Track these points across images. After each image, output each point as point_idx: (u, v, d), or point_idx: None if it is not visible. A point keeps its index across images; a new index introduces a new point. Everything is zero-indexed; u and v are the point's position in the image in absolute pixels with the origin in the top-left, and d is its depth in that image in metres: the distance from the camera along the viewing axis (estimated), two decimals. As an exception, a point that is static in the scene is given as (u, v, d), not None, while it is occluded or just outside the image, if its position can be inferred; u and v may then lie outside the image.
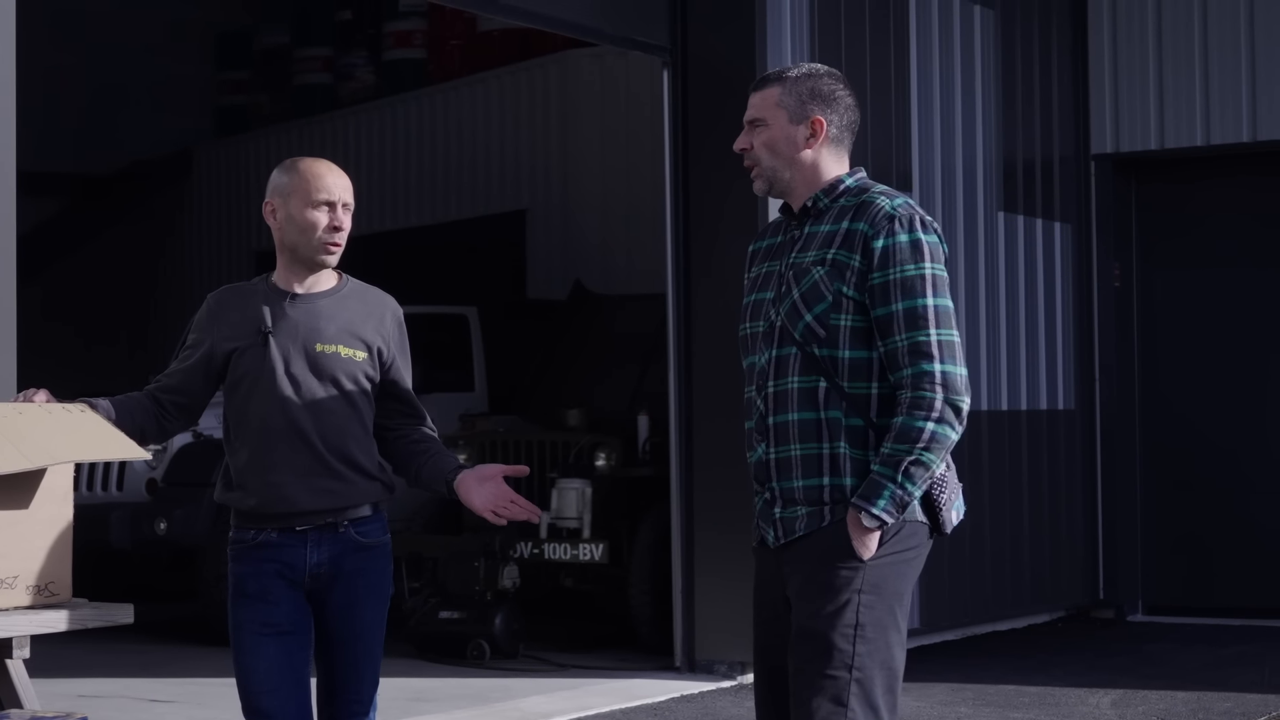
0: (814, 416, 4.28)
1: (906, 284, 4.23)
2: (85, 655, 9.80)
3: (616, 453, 10.98)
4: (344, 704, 4.82)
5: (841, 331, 4.27)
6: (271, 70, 19.10)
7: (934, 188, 10.88)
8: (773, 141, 4.39)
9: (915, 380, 4.21)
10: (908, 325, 4.22)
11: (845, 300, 4.26)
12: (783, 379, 4.32)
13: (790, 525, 4.32)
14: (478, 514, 4.78)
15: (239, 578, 4.79)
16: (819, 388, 4.28)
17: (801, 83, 4.41)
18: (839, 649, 4.19)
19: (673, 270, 9.87)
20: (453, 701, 8.98)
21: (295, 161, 4.89)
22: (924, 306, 4.23)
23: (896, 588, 4.28)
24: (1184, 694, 9.02)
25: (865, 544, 4.22)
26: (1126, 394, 12.50)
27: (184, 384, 4.87)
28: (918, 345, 4.22)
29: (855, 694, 4.18)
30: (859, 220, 4.29)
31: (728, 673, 9.53)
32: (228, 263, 18.35)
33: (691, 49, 9.86)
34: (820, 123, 4.38)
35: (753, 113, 4.43)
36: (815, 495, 4.29)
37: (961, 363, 4.27)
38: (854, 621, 4.21)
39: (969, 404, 4.27)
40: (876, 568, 4.24)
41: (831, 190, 4.39)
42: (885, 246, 4.25)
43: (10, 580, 4.53)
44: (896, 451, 4.19)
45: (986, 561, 11.23)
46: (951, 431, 4.22)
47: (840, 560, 4.23)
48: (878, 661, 4.22)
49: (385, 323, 4.87)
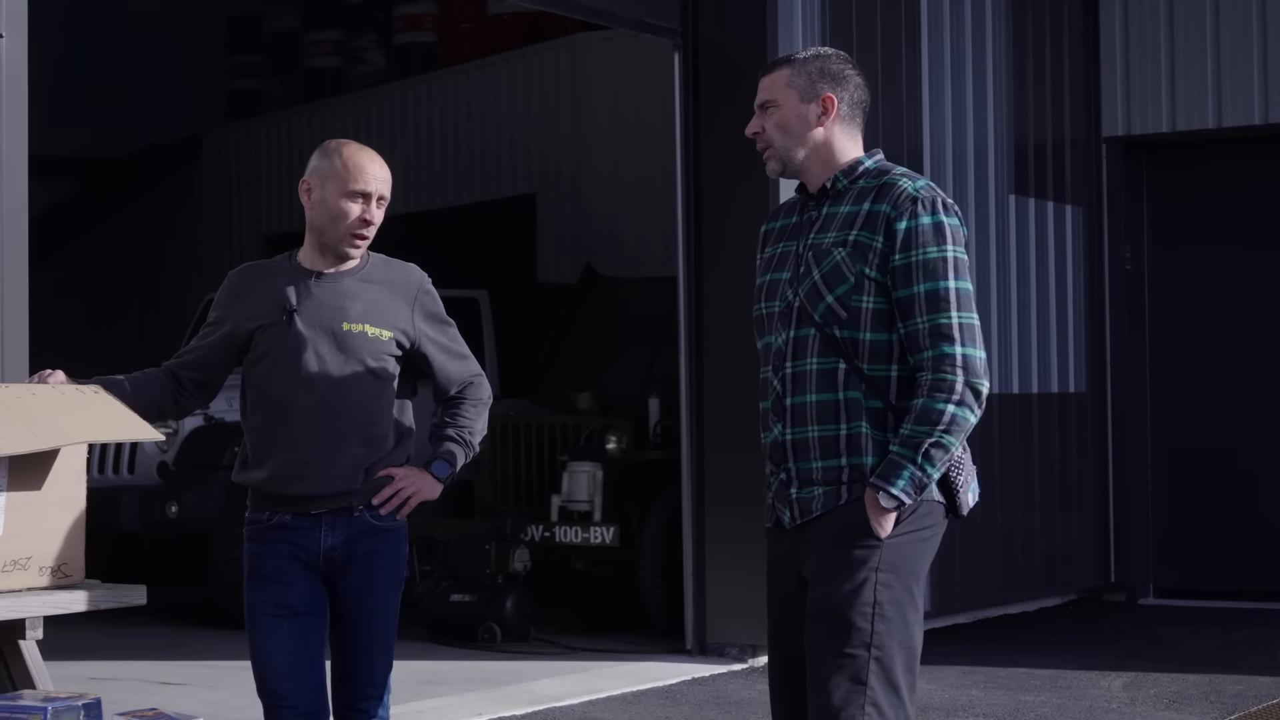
0: (833, 398, 4.27)
1: (929, 266, 4.23)
2: (97, 637, 9.81)
3: (627, 436, 10.98)
4: (358, 686, 4.82)
5: (863, 313, 4.26)
6: (282, 54, 19.08)
7: (945, 170, 10.86)
8: (784, 121, 4.38)
9: (936, 362, 4.21)
10: (929, 307, 4.22)
11: (867, 282, 4.25)
12: (801, 360, 4.31)
13: (807, 505, 4.31)
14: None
15: (254, 559, 4.79)
16: (838, 369, 4.27)
17: (810, 63, 4.41)
18: (857, 627, 4.18)
19: (683, 253, 9.86)
20: (464, 684, 8.99)
21: (340, 145, 4.83)
22: (946, 289, 4.22)
23: (913, 567, 4.28)
24: (1195, 677, 9.01)
25: (883, 523, 4.21)
26: (1137, 377, 12.49)
27: (203, 360, 4.86)
28: (939, 327, 4.21)
29: (875, 672, 4.17)
30: (881, 202, 4.28)
31: (739, 656, 9.54)
32: (238, 246, 18.35)
33: (702, 32, 9.85)
34: (831, 100, 4.38)
35: (763, 95, 4.42)
36: (834, 476, 4.28)
37: (981, 346, 4.27)
38: (872, 600, 4.19)
39: (989, 387, 4.27)
40: (894, 547, 4.23)
41: (851, 171, 4.38)
42: (908, 228, 4.24)
43: (24, 561, 4.53)
44: (916, 433, 4.18)
45: (998, 544, 11.22)
46: (971, 414, 4.23)
47: (858, 539, 4.23)
48: (897, 640, 4.21)
49: (412, 301, 4.82)
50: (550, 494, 11.05)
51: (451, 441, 4.86)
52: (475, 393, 4.93)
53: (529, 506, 11.26)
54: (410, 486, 4.77)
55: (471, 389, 4.92)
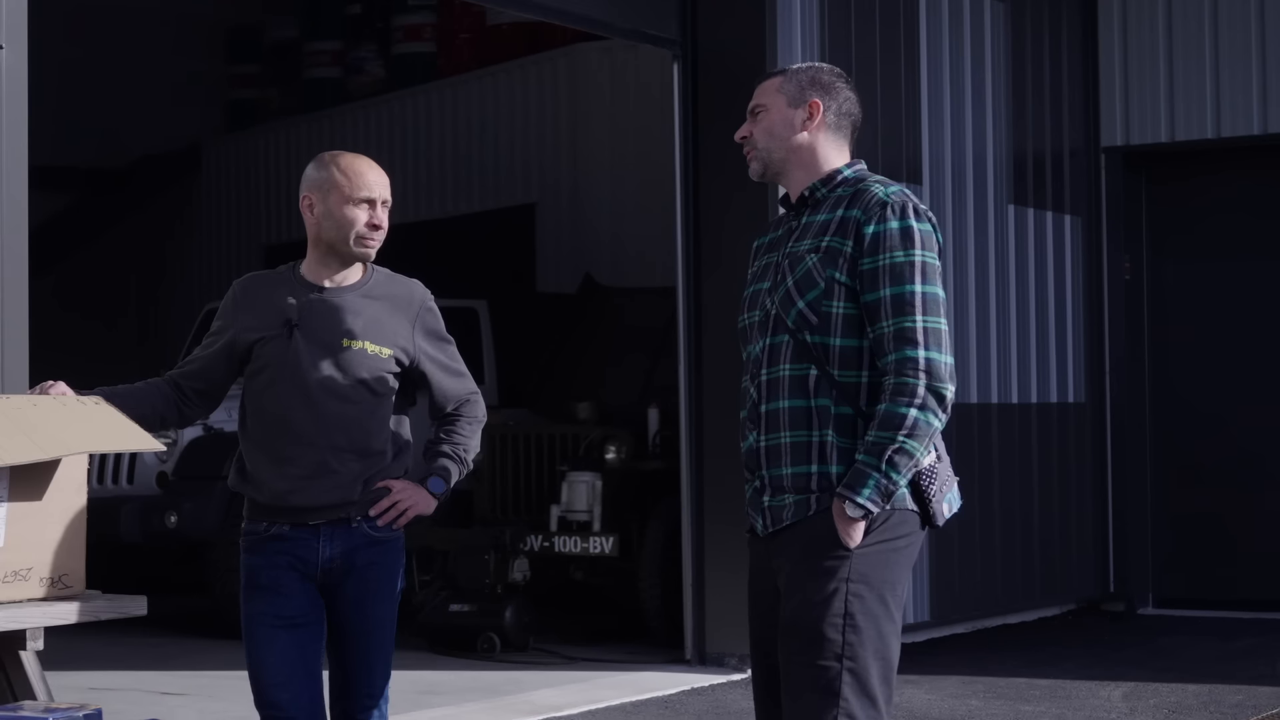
0: (804, 404, 4.27)
1: (895, 270, 4.22)
2: (97, 648, 9.81)
3: (627, 446, 10.98)
4: (356, 697, 4.83)
5: (833, 318, 4.26)
6: (281, 64, 19.09)
7: (944, 180, 10.88)
8: (771, 124, 4.43)
9: (899, 366, 4.20)
10: (894, 311, 4.21)
11: (838, 287, 4.26)
12: (775, 366, 4.32)
13: (778, 514, 4.31)
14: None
15: (251, 570, 4.80)
16: (809, 375, 4.27)
17: (802, 73, 4.47)
18: (828, 639, 4.17)
19: (682, 263, 9.87)
20: (463, 694, 8.99)
21: (335, 157, 4.84)
22: (911, 293, 4.22)
23: (886, 576, 4.25)
24: (1195, 687, 9.01)
25: (851, 533, 4.20)
26: (1137, 387, 12.49)
27: (206, 370, 4.87)
28: (903, 331, 4.20)
29: (849, 683, 4.16)
30: (853, 208, 4.30)
31: (738, 665, 9.53)
32: (237, 256, 18.35)
33: (701, 42, 9.86)
34: (817, 105, 4.41)
35: (754, 101, 4.48)
36: (803, 483, 4.27)
37: (948, 351, 4.25)
38: (843, 611, 4.18)
39: (953, 392, 4.24)
40: (864, 557, 4.22)
41: (830, 180, 4.41)
42: (876, 232, 4.25)
43: (24, 572, 4.54)
44: (880, 439, 4.17)
45: (997, 554, 11.22)
46: (935, 419, 4.20)
47: (827, 550, 4.22)
48: (871, 651, 4.19)
49: (414, 318, 4.84)
50: (549, 504, 11.04)
51: (447, 458, 4.90)
52: (471, 410, 4.96)
53: (528, 516, 11.26)
54: (406, 500, 4.79)
55: (467, 406, 4.95)
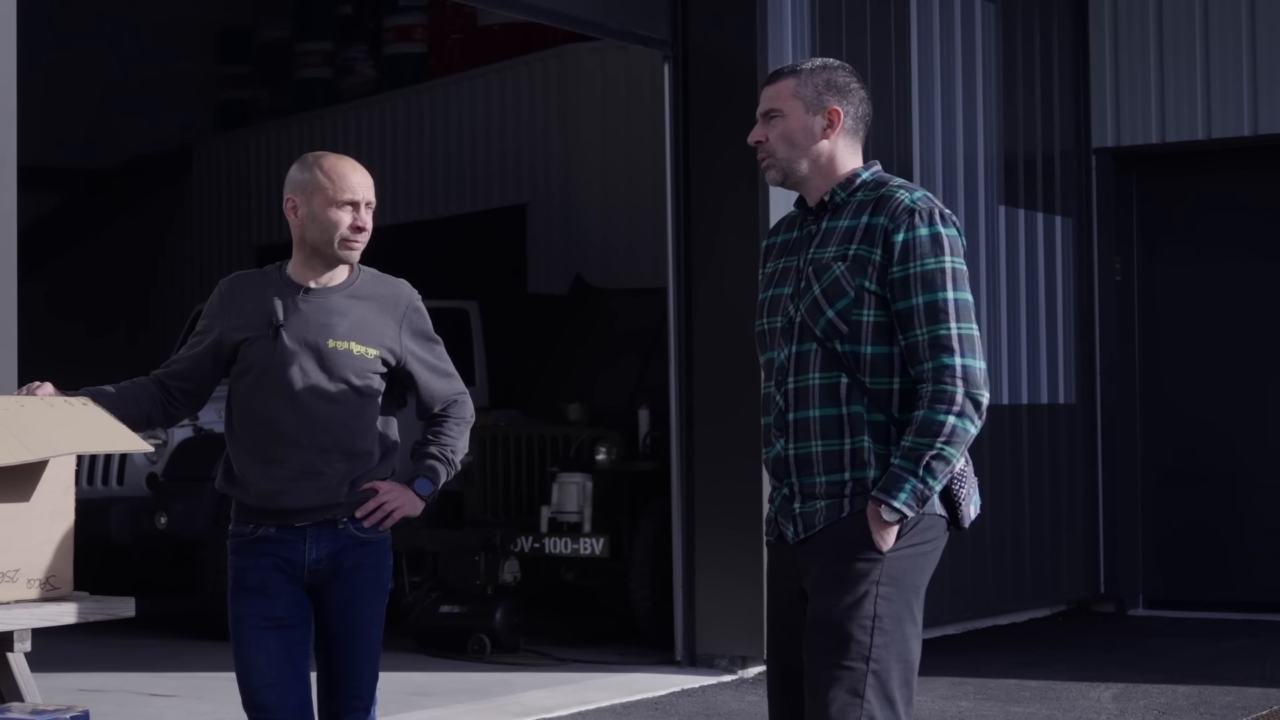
0: (836, 412, 4.27)
1: (927, 278, 4.22)
2: (86, 649, 9.79)
3: (617, 447, 10.97)
4: (344, 699, 4.82)
5: (864, 327, 4.25)
6: (272, 65, 19.08)
7: (935, 181, 10.87)
8: (789, 132, 4.37)
9: (936, 374, 4.20)
10: (928, 319, 4.21)
11: (867, 295, 4.24)
12: (803, 375, 4.30)
13: (810, 520, 4.30)
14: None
15: (238, 571, 4.79)
16: (840, 383, 4.26)
17: (817, 74, 4.41)
18: (856, 640, 4.18)
19: (673, 264, 9.86)
20: (453, 696, 8.98)
21: (318, 158, 4.82)
22: (944, 300, 4.22)
23: (914, 580, 4.28)
24: (1185, 688, 9.02)
25: (885, 537, 4.21)
26: (1127, 388, 12.50)
27: (192, 370, 4.86)
28: (938, 339, 4.21)
29: (872, 686, 4.16)
30: (879, 214, 4.28)
31: (728, 667, 9.52)
32: (228, 256, 18.33)
33: (692, 43, 9.86)
34: (837, 113, 4.38)
35: (767, 104, 4.40)
36: (837, 490, 4.27)
37: (982, 357, 4.26)
38: (872, 613, 4.19)
39: (989, 398, 4.26)
40: (895, 560, 4.23)
41: (849, 184, 4.37)
42: (906, 240, 4.23)
43: (12, 574, 4.52)
44: (918, 445, 4.18)
45: (987, 556, 11.22)
46: (972, 426, 4.22)
47: (859, 552, 4.23)
48: (894, 654, 4.21)
49: (400, 318, 4.83)
50: (540, 505, 11.04)
51: (434, 460, 4.88)
52: (459, 411, 4.95)
53: (519, 518, 11.25)
54: (393, 501, 4.78)
55: (455, 407, 4.94)
